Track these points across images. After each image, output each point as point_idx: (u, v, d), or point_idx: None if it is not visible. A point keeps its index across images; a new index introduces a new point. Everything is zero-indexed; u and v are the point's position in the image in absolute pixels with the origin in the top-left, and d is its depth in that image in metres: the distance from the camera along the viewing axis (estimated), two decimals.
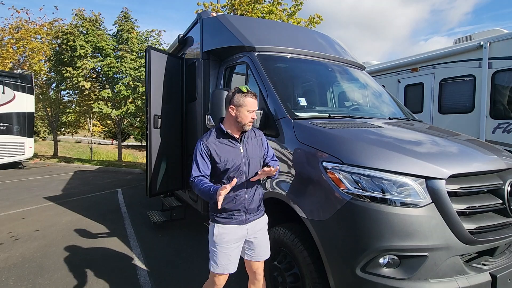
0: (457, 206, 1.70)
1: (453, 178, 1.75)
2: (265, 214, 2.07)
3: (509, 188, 1.88)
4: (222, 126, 1.93)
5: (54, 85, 15.12)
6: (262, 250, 2.01)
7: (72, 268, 3.28)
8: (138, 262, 3.45)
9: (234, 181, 1.70)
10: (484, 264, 1.81)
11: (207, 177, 1.87)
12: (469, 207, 1.74)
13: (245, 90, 1.88)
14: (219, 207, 1.68)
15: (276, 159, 2.11)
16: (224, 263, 1.88)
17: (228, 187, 1.64)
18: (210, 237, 1.93)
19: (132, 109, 12.77)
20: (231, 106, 1.89)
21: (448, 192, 1.71)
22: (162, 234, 4.39)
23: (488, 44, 5.04)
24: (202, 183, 1.79)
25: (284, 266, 2.24)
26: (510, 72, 4.86)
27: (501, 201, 1.85)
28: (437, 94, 5.83)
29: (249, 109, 1.87)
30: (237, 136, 1.93)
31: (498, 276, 1.70)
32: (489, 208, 1.82)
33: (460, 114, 5.51)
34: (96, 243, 4.03)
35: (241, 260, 2.04)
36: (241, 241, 1.94)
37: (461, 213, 1.71)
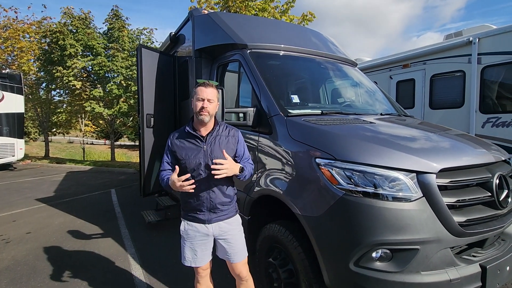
0: (447, 200, 1.73)
1: (443, 172, 1.77)
2: (238, 215, 2.05)
3: (497, 181, 1.92)
4: (188, 124, 1.96)
5: (44, 85, 14.85)
6: (235, 252, 1.98)
7: (66, 270, 3.25)
8: (132, 263, 3.43)
9: (186, 177, 1.78)
10: (474, 256, 1.85)
11: (170, 170, 1.92)
12: (459, 200, 1.77)
13: (200, 81, 1.92)
14: (187, 189, 1.76)
15: (252, 162, 2.06)
16: (190, 257, 1.95)
17: (174, 174, 1.77)
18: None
19: (124, 108, 12.64)
20: (192, 99, 1.95)
21: (438, 186, 1.73)
22: (157, 233, 4.37)
23: (477, 40, 5.11)
24: (163, 176, 1.91)
25: (279, 263, 2.25)
26: (498, 67, 4.95)
27: (489, 194, 1.89)
28: (428, 90, 5.91)
29: (197, 96, 1.86)
30: (203, 135, 1.90)
31: (487, 267, 1.74)
32: (478, 201, 1.86)
33: (450, 109, 5.60)
34: (90, 244, 3.99)
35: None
36: (206, 239, 1.94)
37: (451, 206, 1.74)
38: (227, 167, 1.79)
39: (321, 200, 1.89)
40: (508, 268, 1.87)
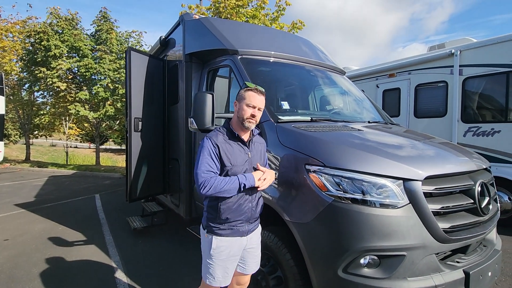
0: (432, 206, 1.78)
1: (428, 180, 1.82)
2: (260, 224, 2.00)
3: (479, 189, 1.98)
4: (231, 126, 1.82)
5: (26, 85, 14.40)
6: (255, 262, 1.93)
7: (46, 279, 3.11)
8: (117, 271, 3.32)
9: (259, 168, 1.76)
10: (458, 262, 1.89)
11: (213, 173, 1.70)
12: (444, 207, 1.82)
13: (251, 86, 1.81)
14: (264, 187, 1.74)
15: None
16: (221, 277, 1.78)
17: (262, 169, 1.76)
18: (206, 250, 1.79)
19: (111, 111, 12.39)
20: (235, 101, 1.83)
21: (424, 193, 1.77)
22: (142, 240, 4.26)
23: (459, 52, 5.33)
24: (222, 179, 1.67)
25: (268, 270, 2.23)
26: (479, 79, 5.16)
27: (472, 201, 1.95)
28: (413, 99, 6.10)
29: (248, 102, 1.74)
30: (245, 140, 1.82)
31: (471, 273, 1.79)
32: (462, 208, 1.91)
33: (434, 118, 5.78)
34: (72, 252, 3.85)
35: None
36: (239, 254, 1.84)
37: (436, 213, 1.79)
38: (269, 177, 1.77)
39: (310, 206, 1.90)
40: (490, 273, 1.93)
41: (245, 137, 1.83)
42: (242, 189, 1.68)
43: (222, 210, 1.73)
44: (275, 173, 1.85)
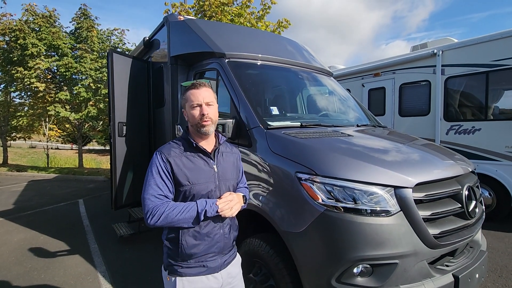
0: (422, 213, 1.79)
1: (418, 186, 1.83)
2: (237, 252, 1.66)
3: (466, 192, 2.02)
4: (190, 136, 1.48)
5: (2, 86, 13.72)
6: None
7: None
8: (103, 282, 3.21)
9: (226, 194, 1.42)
10: (447, 266, 1.92)
11: (166, 197, 1.38)
12: (433, 213, 1.83)
13: (187, 84, 1.49)
14: (231, 214, 1.40)
15: (247, 186, 1.77)
16: None
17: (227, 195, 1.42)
18: None
19: (93, 112, 11.99)
20: (183, 110, 1.51)
21: (414, 199, 1.78)
22: (129, 248, 4.14)
23: (441, 52, 5.46)
24: (176, 206, 1.34)
25: (260, 279, 2.20)
26: (460, 78, 5.31)
27: (460, 205, 1.98)
28: (398, 98, 6.21)
29: (191, 103, 1.42)
30: (209, 151, 1.48)
31: (460, 276, 1.81)
32: (450, 213, 1.94)
33: (418, 116, 5.91)
34: (55, 263, 3.69)
35: None
36: None
37: (426, 219, 1.80)
38: (235, 199, 1.45)
39: (302, 215, 1.88)
40: (477, 275, 1.97)
41: (208, 146, 1.49)
42: (201, 217, 1.34)
43: (185, 243, 1.38)
44: (243, 196, 1.58)
